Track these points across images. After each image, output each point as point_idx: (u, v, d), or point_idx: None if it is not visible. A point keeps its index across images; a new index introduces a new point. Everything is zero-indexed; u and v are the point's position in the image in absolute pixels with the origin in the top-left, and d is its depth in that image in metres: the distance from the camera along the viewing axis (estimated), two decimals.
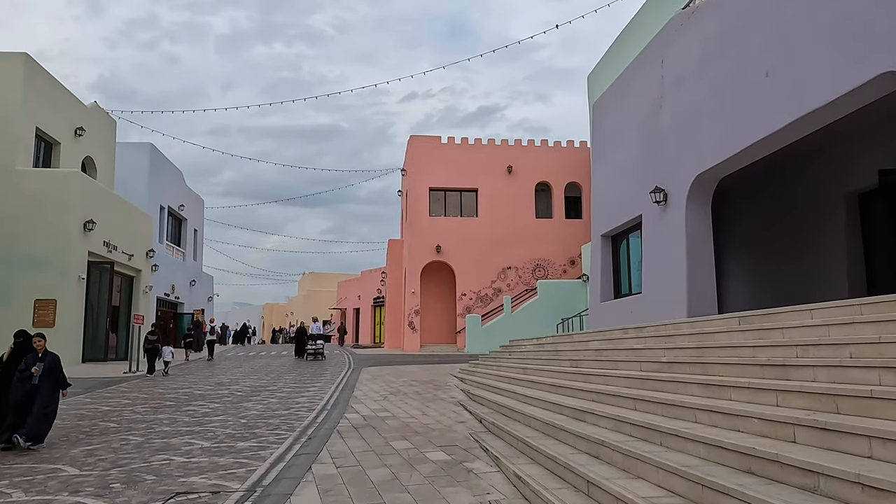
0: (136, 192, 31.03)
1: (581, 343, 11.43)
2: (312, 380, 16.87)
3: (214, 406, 11.90)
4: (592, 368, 8.69)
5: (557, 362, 10.57)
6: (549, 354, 11.98)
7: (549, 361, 11.16)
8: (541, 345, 14.18)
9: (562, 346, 12.22)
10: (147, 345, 20.65)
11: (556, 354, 11.57)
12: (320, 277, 74.53)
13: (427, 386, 14.72)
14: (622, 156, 16.85)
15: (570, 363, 9.98)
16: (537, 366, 11.39)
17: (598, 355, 9.52)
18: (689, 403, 5.23)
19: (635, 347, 8.44)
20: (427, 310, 32.56)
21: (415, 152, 33.19)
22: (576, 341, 12.12)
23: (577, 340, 12.13)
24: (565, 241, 32.65)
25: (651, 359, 7.33)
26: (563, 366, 10.12)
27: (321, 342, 23.49)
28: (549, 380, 9.36)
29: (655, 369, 6.93)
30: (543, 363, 11.39)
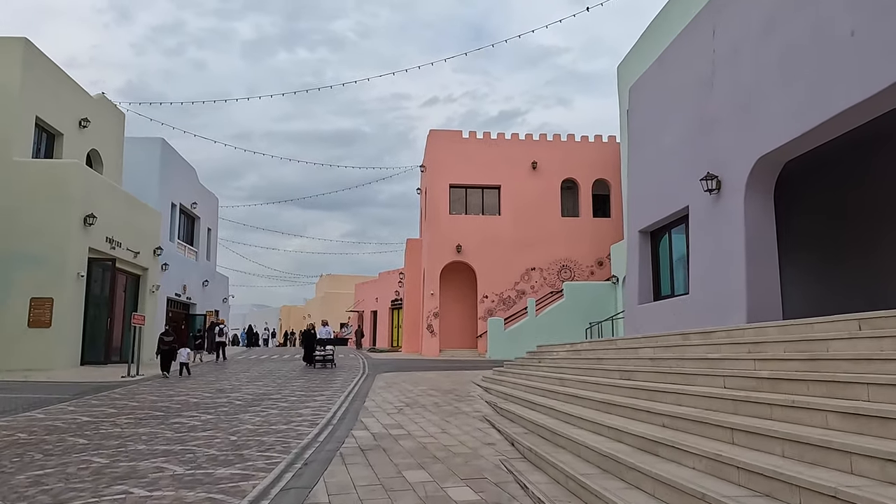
0: (145, 189, 29.89)
1: (628, 350, 9.81)
2: (321, 387, 15.41)
3: (206, 418, 10.46)
4: (653, 383, 7.08)
5: (602, 373, 8.97)
6: (589, 363, 10.37)
7: (590, 372, 9.56)
8: (576, 351, 12.57)
9: (604, 354, 10.60)
10: (163, 346, 19.78)
11: (599, 363, 9.96)
12: (338, 279, 73.38)
13: (447, 396, 13.17)
14: (664, 142, 15.20)
15: (619, 374, 8.37)
16: (576, 376, 9.80)
17: (655, 366, 7.91)
18: (831, 443, 3.63)
19: (708, 357, 6.82)
20: (447, 313, 31.04)
21: (435, 148, 31.73)
22: (620, 348, 10.49)
23: (621, 347, 10.51)
24: (593, 240, 30.96)
25: (738, 372, 5.72)
26: (610, 378, 8.51)
27: (331, 348, 21.62)
28: (595, 395, 7.77)
29: (750, 387, 5.33)
30: (584, 374, 9.79)
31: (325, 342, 21.64)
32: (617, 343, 11.09)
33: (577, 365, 10.74)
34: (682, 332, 8.77)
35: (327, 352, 21.33)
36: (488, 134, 31.82)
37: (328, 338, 22.00)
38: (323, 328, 22.37)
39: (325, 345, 21.47)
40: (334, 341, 22.25)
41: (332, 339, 22.40)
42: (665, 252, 16.11)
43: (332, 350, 21.57)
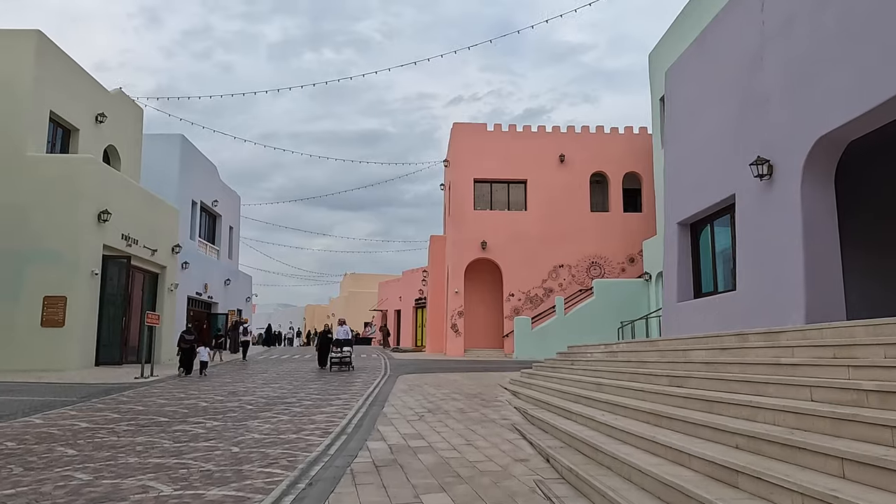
0: (165, 186, 29.46)
1: (675, 353, 8.77)
2: (339, 390, 14.57)
3: (211, 425, 9.66)
4: (712, 391, 6.07)
5: (647, 379, 7.95)
6: (630, 366, 9.35)
7: (632, 377, 8.54)
8: (612, 353, 11.53)
9: (646, 356, 9.57)
10: (183, 344, 19.52)
11: (641, 367, 8.93)
12: (362, 278, 72.90)
13: (473, 401, 12.22)
14: (706, 127, 14.07)
15: (667, 381, 7.35)
16: (616, 381, 8.79)
17: (711, 371, 6.88)
18: None
19: (780, 362, 5.78)
20: (471, 311, 30.09)
21: (458, 141, 30.78)
22: (664, 350, 9.44)
23: (665, 349, 9.46)
24: (623, 236, 29.76)
25: (827, 382, 4.70)
26: (657, 384, 7.50)
27: (348, 349, 19.90)
28: (641, 404, 6.77)
29: (850, 401, 4.31)
30: (624, 378, 8.78)
31: (343, 343, 20.02)
32: (658, 344, 10.04)
33: (615, 368, 9.72)
34: (738, 333, 7.70)
35: (344, 354, 19.67)
36: (514, 127, 30.79)
37: (345, 338, 20.34)
38: (340, 328, 20.67)
39: (341, 346, 19.84)
40: (352, 342, 21.08)
41: (350, 339, 20.79)
42: (707, 245, 14.97)
43: (349, 352, 19.88)
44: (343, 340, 20.12)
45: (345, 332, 20.50)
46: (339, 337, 20.21)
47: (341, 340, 20.07)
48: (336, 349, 19.81)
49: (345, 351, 19.73)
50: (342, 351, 19.71)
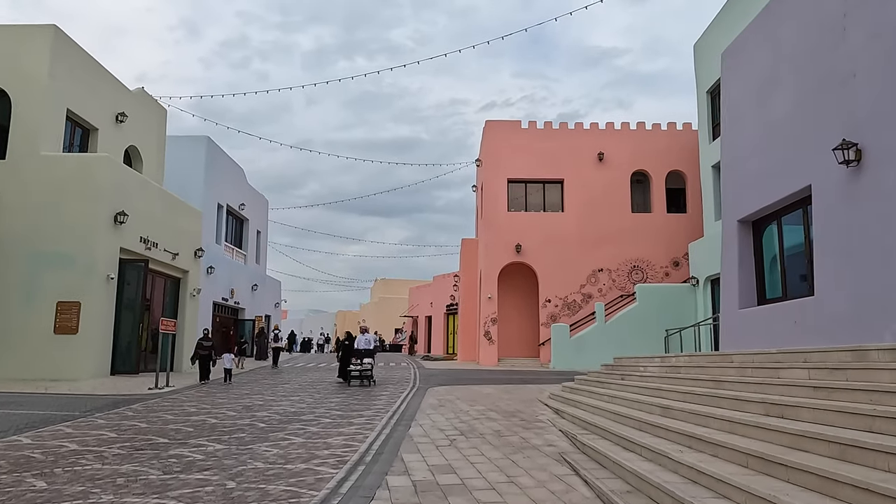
0: (190, 189, 28.70)
1: (760, 371, 7.25)
2: (363, 405, 13.29)
3: (213, 449, 8.44)
4: (839, 429, 4.58)
5: (732, 404, 6.47)
6: (701, 386, 7.86)
7: (709, 401, 7.06)
8: (673, 368, 10.02)
9: (720, 374, 8.06)
10: (202, 351, 18.86)
11: (717, 387, 7.44)
12: (392, 284, 71.91)
13: (510, 421, 10.81)
14: (773, 111, 12.47)
15: (763, 409, 5.87)
16: (685, 404, 7.33)
17: (825, 399, 5.39)
18: None
19: None
20: (505, 318, 28.63)
21: (492, 140, 29.42)
22: (742, 366, 7.92)
23: (743, 365, 7.94)
24: (667, 239, 28.02)
25: None
26: (749, 412, 6.02)
27: (370, 361, 17.40)
28: (735, 441, 5.31)
29: None
30: (697, 401, 7.30)
31: (364, 354, 17.49)
32: (733, 359, 8.50)
33: (681, 387, 8.22)
34: (853, 348, 6.16)
35: (365, 367, 17.20)
36: (549, 124, 29.31)
37: (367, 348, 17.76)
38: (362, 336, 18.10)
39: (362, 357, 17.36)
40: (375, 352, 18.75)
41: (373, 349, 18.25)
42: (772, 245, 13.34)
43: (370, 364, 17.41)
44: (364, 351, 17.70)
45: (367, 340, 18.02)
46: (361, 346, 17.81)
47: (362, 351, 17.68)
48: (356, 361, 17.48)
49: (366, 363, 17.36)
50: (363, 363, 17.37)
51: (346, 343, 18.70)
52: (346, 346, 18.61)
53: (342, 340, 19.38)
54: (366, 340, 17.94)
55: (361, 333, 18.45)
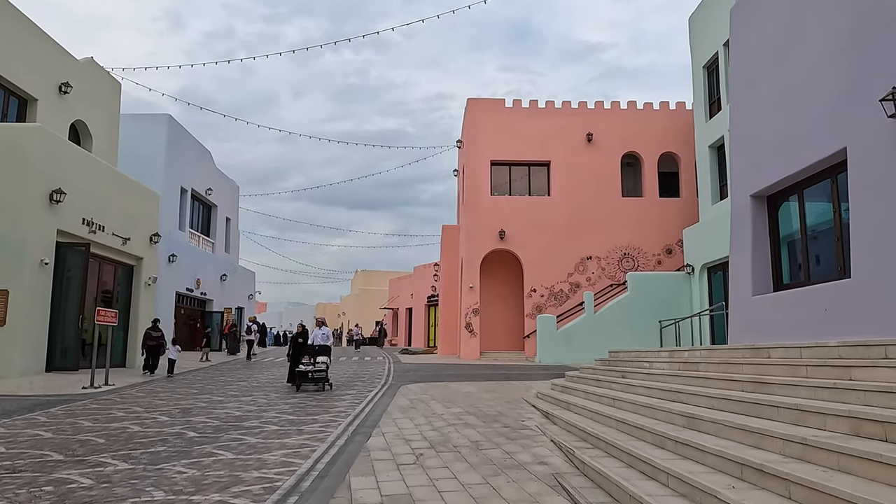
0: (149, 171, 26.67)
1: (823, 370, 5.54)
2: (321, 407, 11.48)
3: (113, 469, 6.61)
4: None
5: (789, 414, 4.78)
6: (733, 388, 6.16)
7: (751, 408, 5.35)
8: (689, 364, 8.30)
9: (760, 373, 6.35)
10: (150, 341, 18.29)
11: (760, 391, 5.74)
12: (373, 276, 70.01)
13: (492, 428, 9.06)
14: (796, 68, 10.78)
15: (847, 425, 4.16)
16: (714, 411, 5.62)
17: None
18: None
19: None
20: (488, 309, 26.89)
21: (474, 119, 27.60)
22: (788, 363, 6.21)
23: (791, 361, 6.24)
24: (660, 224, 26.44)
25: None
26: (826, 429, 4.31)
27: (324, 360, 14.23)
28: (826, 478, 3.57)
29: None
30: (733, 409, 5.60)
31: (319, 351, 14.37)
32: (770, 353, 6.80)
33: (704, 389, 6.52)
34: None
35: (319, 366, 13.99)
36: (535, 103, 27.52)
37: (322, 344, 14.66)
38: (318, 330, 15.08)
39: (316, 356, 14.20)
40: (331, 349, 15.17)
41: (329, 346, 15.01)
42: (791, 222, 11.69)
43: (325, 364, 14.14)
44: (319, 348, 14.51)
45: (323, 335, 14.93)
46: (318, 342, 14.75)
47: (317, 348, 14.52)
48: (308, 360, 14.12)
49: (319, 363, 14.07)
50: (316, 363, 14.07)
51: (300, 339, 15.64)
52: (299, 342, 15.53)
53: (294, 335, 16.31)
54: (322, 335, 14.96)
55: (318, 327, 15.50)
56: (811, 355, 5.98)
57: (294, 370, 14.43)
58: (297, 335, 16.10)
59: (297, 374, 14.10)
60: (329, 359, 14.34)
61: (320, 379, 13.99)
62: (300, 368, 14.02)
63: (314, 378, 13.94)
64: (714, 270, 22.31)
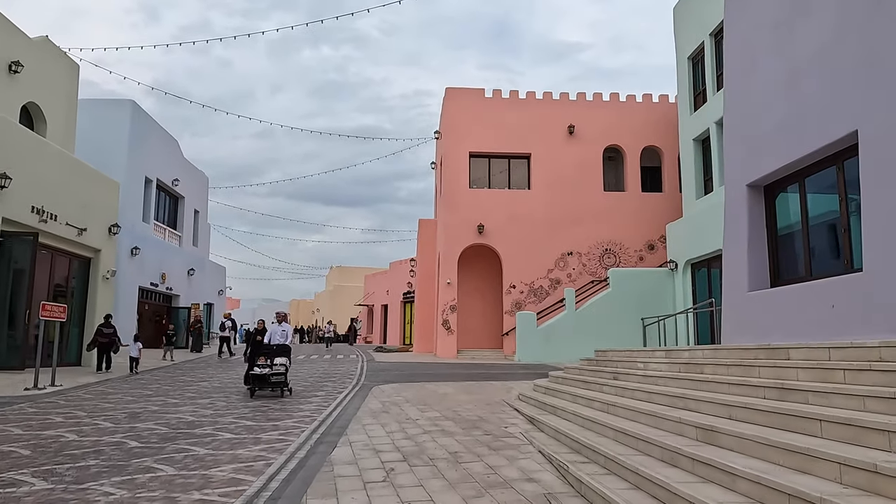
0: (111, 159, 25.37)
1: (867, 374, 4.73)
2: (285, 411, 10.49)
3: (27, 490, 5.59)
4: None
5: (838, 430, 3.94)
6: (755, 395, 5.34)
7: (783, 420, 4.54)
8: (692, 366, 7.49)
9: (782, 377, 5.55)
10: (101, 338, 17.53)
11: (788, 399, 4.91)
12: (348, 272, 68.78)
13: (472, 435, 8.17)
14: (800, 47, 10.04)
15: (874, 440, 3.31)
16: (734, 422, 4.80)
17: None
18: None
19: None
20: (466, 305, 26.03)
21: (452, 110, 26.69)
22: (817, 366, 5.41)
23: (820, 364, 5.44)
24: (642, 220, 25.82)
25: None
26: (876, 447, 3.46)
27: (283, 362, 12.45)
28: None
29: None
30: (759, 420, 4.78)
31: (277, 351, 12.60)
32: (789, 354, 6.01)
33: (718, 395, 5.70)
34: None
35: (277, 369, 12.27)
36: (515, 94, 26.71)
37: (281, 344, 13.02)
38: (277, 327, 13.42)
39: (272, 357, 12.42)
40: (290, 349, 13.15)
41: (289, 346, 13.19)
42: (789, 213, 10.99)
43: (283, 367, 12.38)
44: (277, 348, 12.75)
45: (283, 333, 13.35)
46: (276, 340, 13.10)
47: (274, 347, 12.76)
48: (264, 361, 12.37)
49: (277, 365, 12.31)
50: (273, 365, 12.31)
51: (258, 337, 13.89)
52: (257, 340, 13.77)
53: (252, 332, 14.42)
54: (281, 333, 13.28)
55: (277, 323, 13.64)
56: (844, 357, 5.20)
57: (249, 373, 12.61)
58: (255, 332, 14.47)
59: (252, 377, 12.31)
60: (289, 360, 12.66)
61: (278, 383, 12.27)
62: (255, 371, 12.29)
63: (271, 382, 12.24)
64: (698, 267, 21.71)
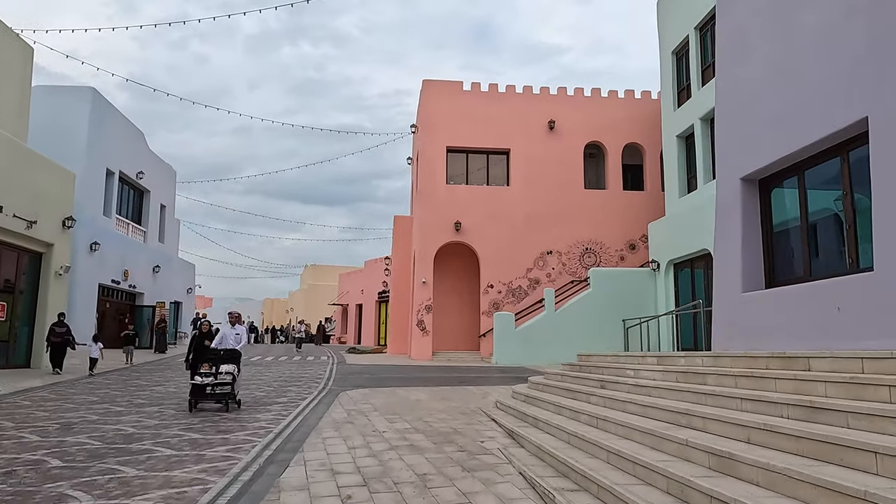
0: (69, 148, 24.04)
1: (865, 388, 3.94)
2: (239, 421, 9.49)
3: None
4: None
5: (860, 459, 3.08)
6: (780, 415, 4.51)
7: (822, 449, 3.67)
8: (691, 375, 6.67)
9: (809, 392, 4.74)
10: (54, 337, 16.78)
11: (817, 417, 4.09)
12: (322, 270, 67.49)
13: (444, 451, 7.28)
14: (802, 31, 9.33)
15: None
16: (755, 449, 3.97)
17: None
18: None
19: None
20: (442, 306, 25.16)
21: (429, 103, 25.78)
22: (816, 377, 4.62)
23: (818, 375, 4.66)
24: (623, 218, 25.17)
25: None
26: None
27: (230, 370, 10.57)
28: None
29: None
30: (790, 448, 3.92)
31: (224, 358, 10.71)
32: (810, 364, 5.21)
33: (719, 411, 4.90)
34: None
35: (222, 378, 10.41)
36: (495, 87, 25.89)
37: (231, 349, 10.95)
38: (230, 329, 11.32)
39: (218, 364, 10.59)
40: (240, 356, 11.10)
41: (239, 352, 11.04)
42: (786, 209, 10.29)
43: (230, 374, 10.51)
44: (225, 353, 10.81)
45: (235, 337, 11.23)
46: (228, 345, 11.07)
47: (221, 353, 10.83)
48: (208, 369, 10.54)
49: (223, 373, 10.47)
50: (219, 373, 10.47)
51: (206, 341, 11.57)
52: (205, 344, 11.51)
53: (197, 336, 12.03)
54: (235, 337, 11.21)
55: (230, 325, 11.53)
56: (883, 370, 4.41)
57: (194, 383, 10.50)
58: (201, 335, 11.88)
59: (193, 388, 10.42)
60: (238, 367, 10.82)
61: (222, 395, 10.41)
62: (196, 381, 10.43)
63: (214, 394, 10.40)
64: (681, 267, 21.09)
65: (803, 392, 4.74)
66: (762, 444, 4.20)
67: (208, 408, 10.64)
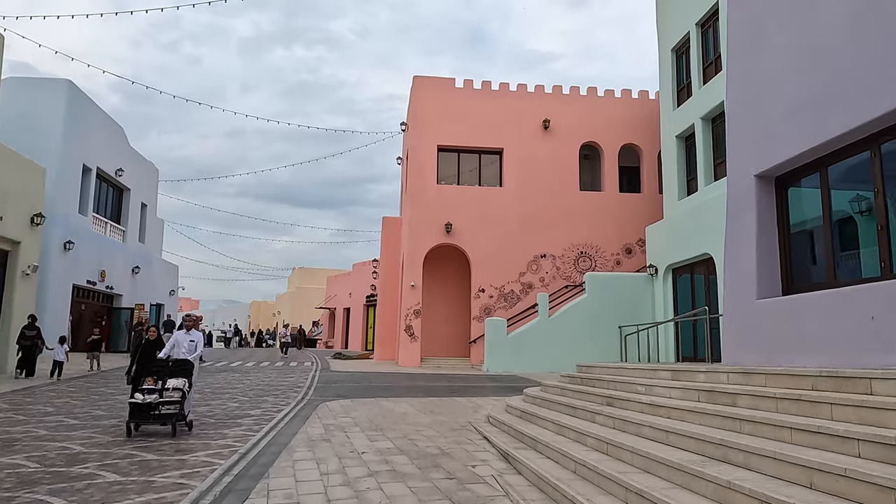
0: (42, 143, 22.97)
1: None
2: (202, 437, 8.51)
3: None
4: None
5: None
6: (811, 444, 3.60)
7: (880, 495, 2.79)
8: (717, 394, 5.79)
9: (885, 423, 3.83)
10: (24, 340, 16.22)
11: None
12: (310, 273, 66.32)
13: (430, 479, 6.35)
14: (823, 15, 8.51)
15: None
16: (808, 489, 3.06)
17: None
18: None
19: None
20: (431, 310, 24.22)
21: (420, 100, 24.89)
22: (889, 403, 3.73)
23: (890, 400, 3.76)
24: (619, 221, 24.37)
25: None
26: None
27: (181, 384, 8.84)
28: None
29: None
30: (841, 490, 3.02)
31: (173, 370, 9.03)
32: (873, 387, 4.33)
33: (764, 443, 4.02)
34: None
35: (170, 396, 8.69)
36: (488, 84, 25.04)
37: (182, 359, 9.34)
38: (184, 335, 9.78)
39: (165, 377, 8.89)
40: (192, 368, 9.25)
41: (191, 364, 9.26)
42: (804, 209, 9.46)
43: (179, 391, 8.76)
44: (174, 364, 9.17)
45: (191, 345, 9.71)
46: (178, 355, 9.54)
47: (171, 364, 9.18)
48: (152, 384, 8.75)
49: (170, 391, 8.74)
50: (166, 389, 8.75)
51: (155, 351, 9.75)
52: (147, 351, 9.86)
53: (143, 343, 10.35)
54: (189, 345, 9.66)
55: (185, 331, 9.94)
56: None
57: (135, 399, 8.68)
58: (146, 343, 10.14)
59: (133, 407, 8.61)
60: (189, 382, 9.01)
61: (168, 416, 8.65)
62: (135, 399, 8.62)
63: (160, 415, 8.64)
64: (680, 272, 20.28)
65: (871, 422, 3.88)
66: (834, 493, 3.33)
67: (153, 430, 8.97)
